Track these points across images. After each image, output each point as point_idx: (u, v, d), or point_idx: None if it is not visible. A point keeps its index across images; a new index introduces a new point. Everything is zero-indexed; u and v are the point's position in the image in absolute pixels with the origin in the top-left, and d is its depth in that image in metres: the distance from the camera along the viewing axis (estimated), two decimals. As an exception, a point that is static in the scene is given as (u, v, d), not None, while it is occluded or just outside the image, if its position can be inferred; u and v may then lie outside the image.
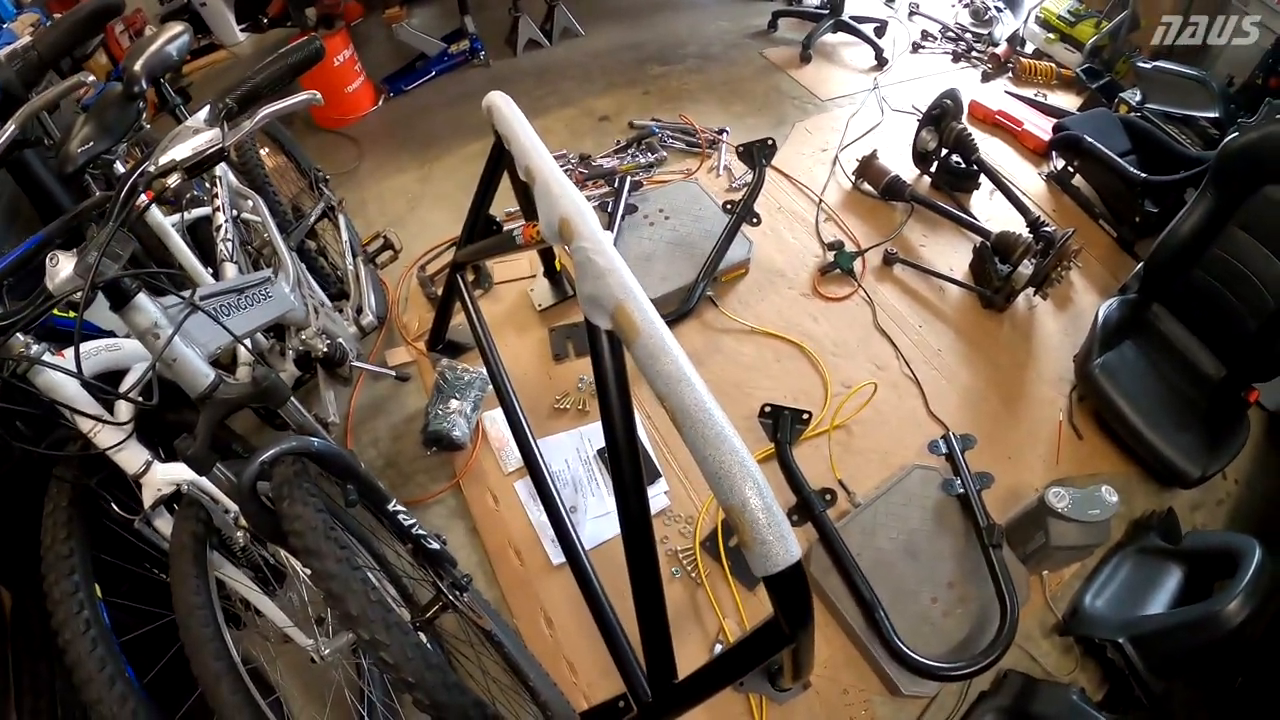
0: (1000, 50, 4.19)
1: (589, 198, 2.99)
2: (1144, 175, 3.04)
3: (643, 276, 1.50)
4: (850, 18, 4.17)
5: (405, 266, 2.94)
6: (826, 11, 4.15)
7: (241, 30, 4.52)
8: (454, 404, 2.36)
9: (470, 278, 2.72)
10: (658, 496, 2.26)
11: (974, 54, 4.27)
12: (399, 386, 2.54)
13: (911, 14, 4.62)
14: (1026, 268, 2.75)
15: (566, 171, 3.24)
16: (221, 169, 2.08)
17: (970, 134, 3.17)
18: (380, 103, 4.10)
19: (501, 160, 2.03)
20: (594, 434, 2.40)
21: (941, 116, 3.21)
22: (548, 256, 2.75)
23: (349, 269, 2.55)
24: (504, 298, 2.84)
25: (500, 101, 1.87)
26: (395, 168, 3.59)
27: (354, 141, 3.80)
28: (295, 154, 2.81)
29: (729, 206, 2.93)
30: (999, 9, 4.54)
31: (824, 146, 3.52)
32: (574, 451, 2.37)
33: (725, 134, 3.50)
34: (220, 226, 1.97)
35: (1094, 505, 1.95)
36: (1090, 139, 3.19)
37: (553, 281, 2.80)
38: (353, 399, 2.51)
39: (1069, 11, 4.18)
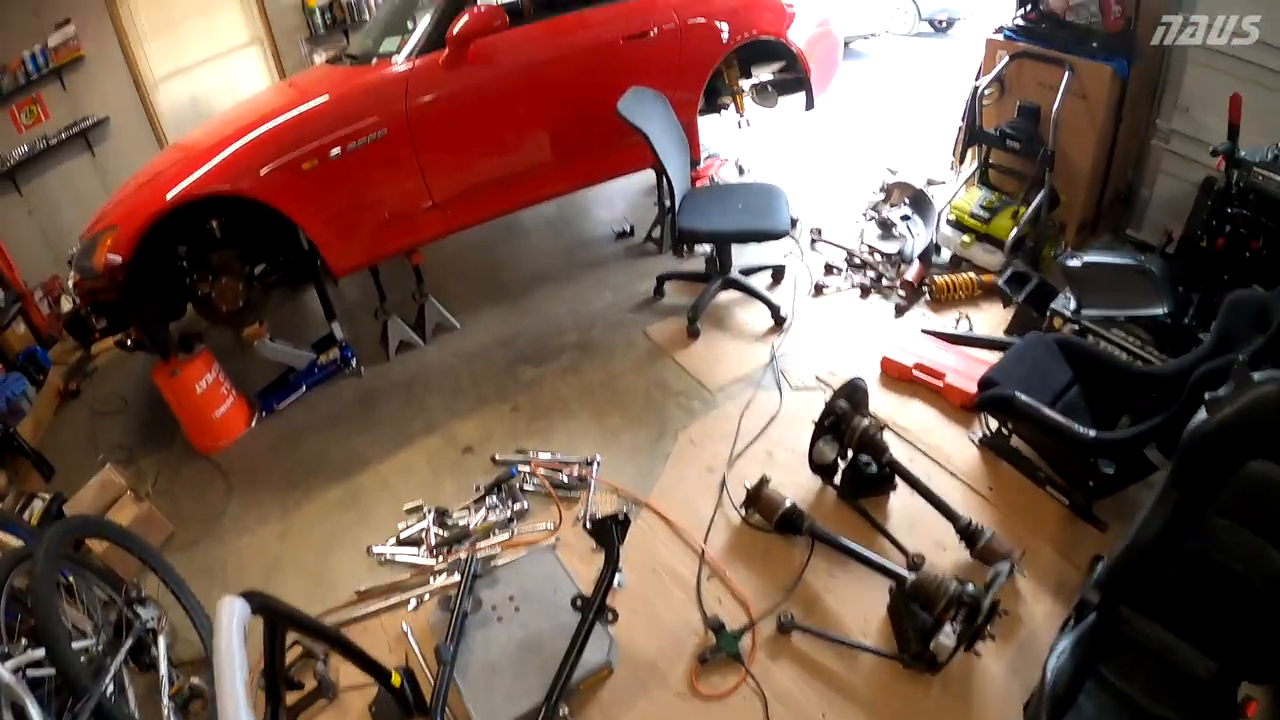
0: (913, 273, 3.84)
1: (436, 591, 2.72)
2: (1093, 435, 2.49)
3: (486, 697, 1.39)
4: (742, 270, 3.88)
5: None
6: (714, 271, 3.86)
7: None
8: None
9: None
10: None
11: (884, 282, 3.93)
12: None
13: (814, 242, 4.33)
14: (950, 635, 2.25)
15: (422, 533, 2.95)
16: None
17: (876, 433, 2.75)
18: (254, 423, 3.85)
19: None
20: None
21: (840, 421, 2.79)
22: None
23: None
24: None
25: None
26: (258, 516, 3.31)
27: (224, 476, 3.60)
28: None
29: (577, 603, 2.48)
30: (906, 218, 4.23)
31: (710, 464, 3.07)
32: None
33: (596, 465, 3.10)
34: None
35: None
36: (1022, 395, 2.62)
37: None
38: None
39: (982, 206, 3.88)
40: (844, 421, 2.78)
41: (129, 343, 4.64)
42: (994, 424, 3.01)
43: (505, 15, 3.60)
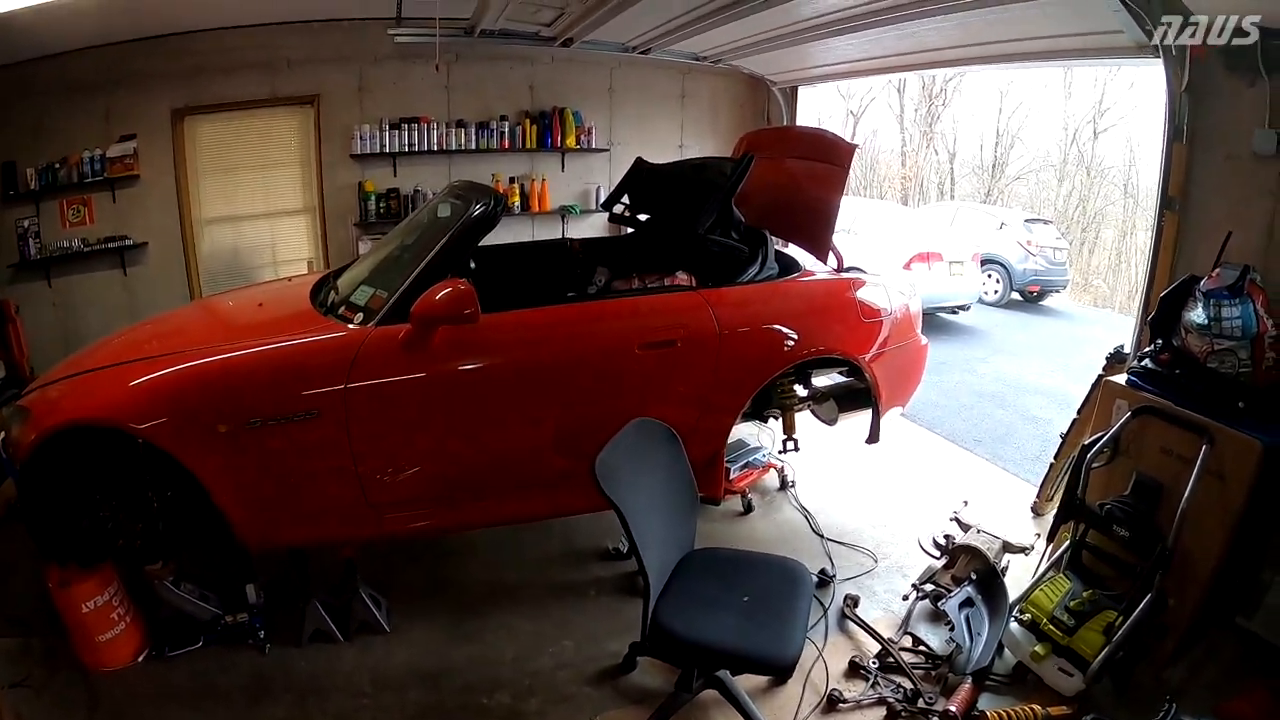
0: (959, 701, 2.95)
1: None
2: None
3: None
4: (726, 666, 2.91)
5: None
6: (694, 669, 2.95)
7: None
8: None
9: None
10: None
11: (921, 703, 3.04)
12: None
13: (844, 617, 3.48)
14: None
15: None
16: None
17: None
18: (141, 658, 3.36)
19: None
20: None
21: None
22: None
23: None
24: None
25: None
26: None
27: (93, 707, 3.10)
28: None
29: None
30: (967, 605, 3.37)
31: None
32: None
33: None
34: None
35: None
36: None
37: None
38: None
39: (1068, 608, 3.02)
40: None
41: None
42: None
43: (477, 305, 3.02)
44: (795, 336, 3.57)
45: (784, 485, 4.47)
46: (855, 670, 3.19)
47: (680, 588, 2.74)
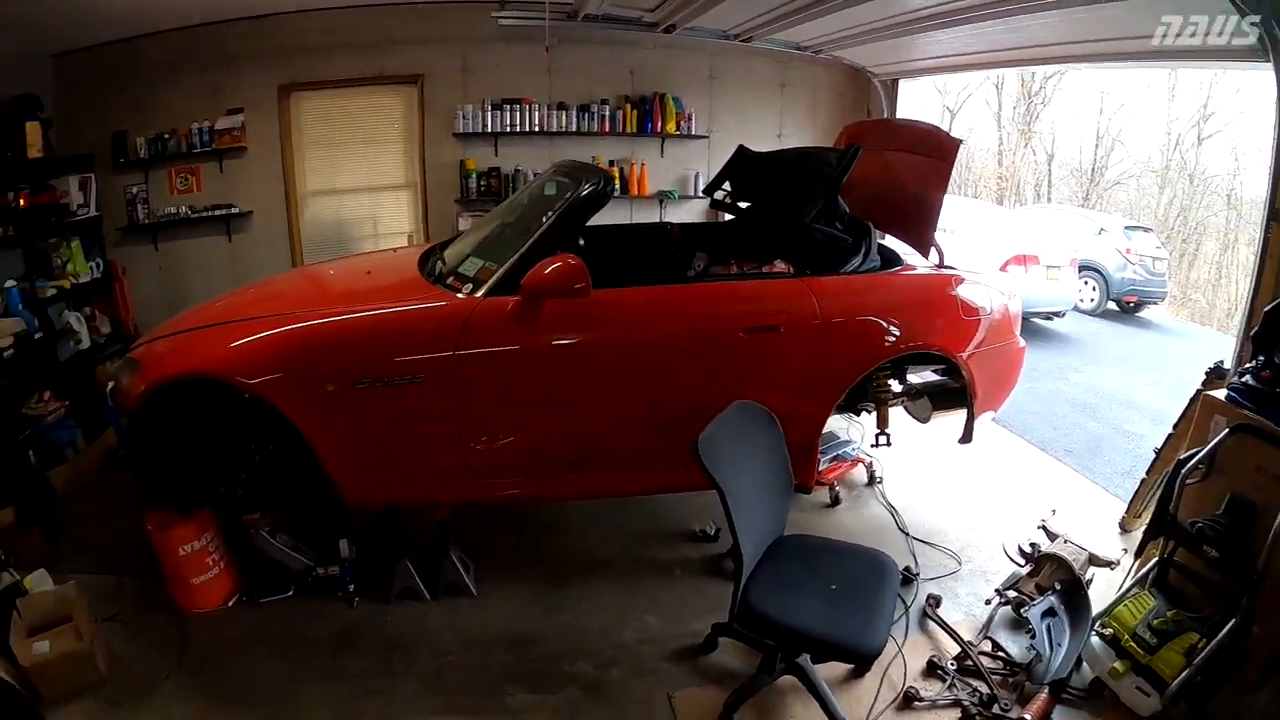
0: (1034, 710, 2.88)
1: None
2: None
3: None
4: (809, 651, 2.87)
5: None
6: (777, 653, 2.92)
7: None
8: None
9: None
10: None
11: (996, 709, 2.96)
12: None
13: (925, 616, 3.41)
14: None
15: None
16: None
17: None
18: (231, 602, 3.52)
19: None
20: None
21: None
22: None
23: None
24: None
25: None
26: (177, 715, 2.92)
27: (183, 644, 3.28)
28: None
29: None
30: (1049, 614, 3.25)
31: None
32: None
33: None
34: None
35: None
36: None
37: None
38: None
39: (1150, 626, 2.89)
40: None
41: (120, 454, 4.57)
42: None
43: (588, 280, 3.04)
44: (897, 330, 3.52)
45: (871, 481, 4.42)
46: (933, 670, 3.13)
47: (771, 571, 2.74)
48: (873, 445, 3.93)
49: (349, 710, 2.91)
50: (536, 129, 6.09)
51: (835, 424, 4.50)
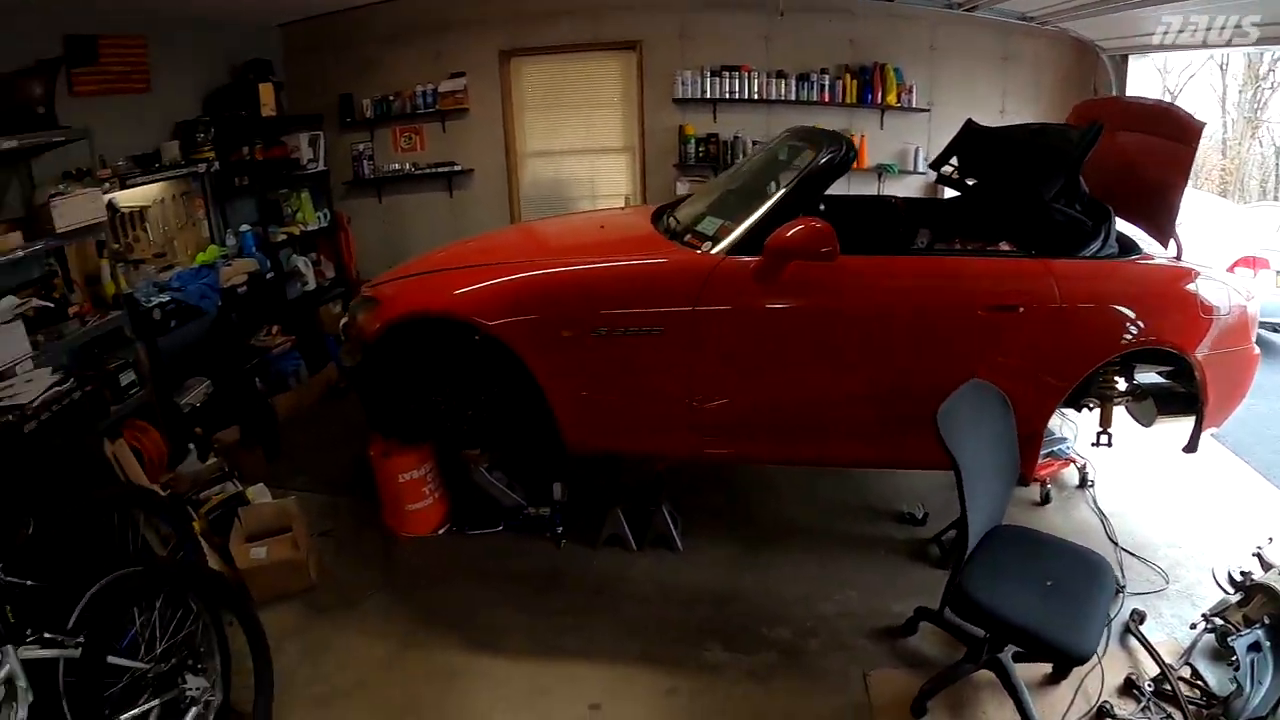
0: None
1: None
2: None
3: None
4: (1015, 653, 2.81)
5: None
6: (984, 644, 2.82)
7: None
8: None
9: None
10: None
11: None
12: None
13: (1128, 631, 3.19)
14: None
15: None
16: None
17: None
18: (441, 530, 3.80)
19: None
20: None
21: None
22: None
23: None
24: None
25: None
26: (383, 628, 3.21)
27: (390, 563, 3.63)
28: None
29: None
30: (1255, 649, 2.96)
31: None
32: None
33: None
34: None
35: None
36: None
37: None
38: None
39: None
40: None
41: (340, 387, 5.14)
42: None
43: (835, 243, 3.00)
44: (1136, 323, 3.31)
45: (1083, 483, 4.17)
46: (1129, 688, 2.94)
47: (986, 558, 2.69)
48: (1092, 444, 3.74)
49: (548, 644, 3.09)
50: (755, 97, 6.04)
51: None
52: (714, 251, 3.24)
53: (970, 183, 4.29)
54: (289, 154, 5.98)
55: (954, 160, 4.29)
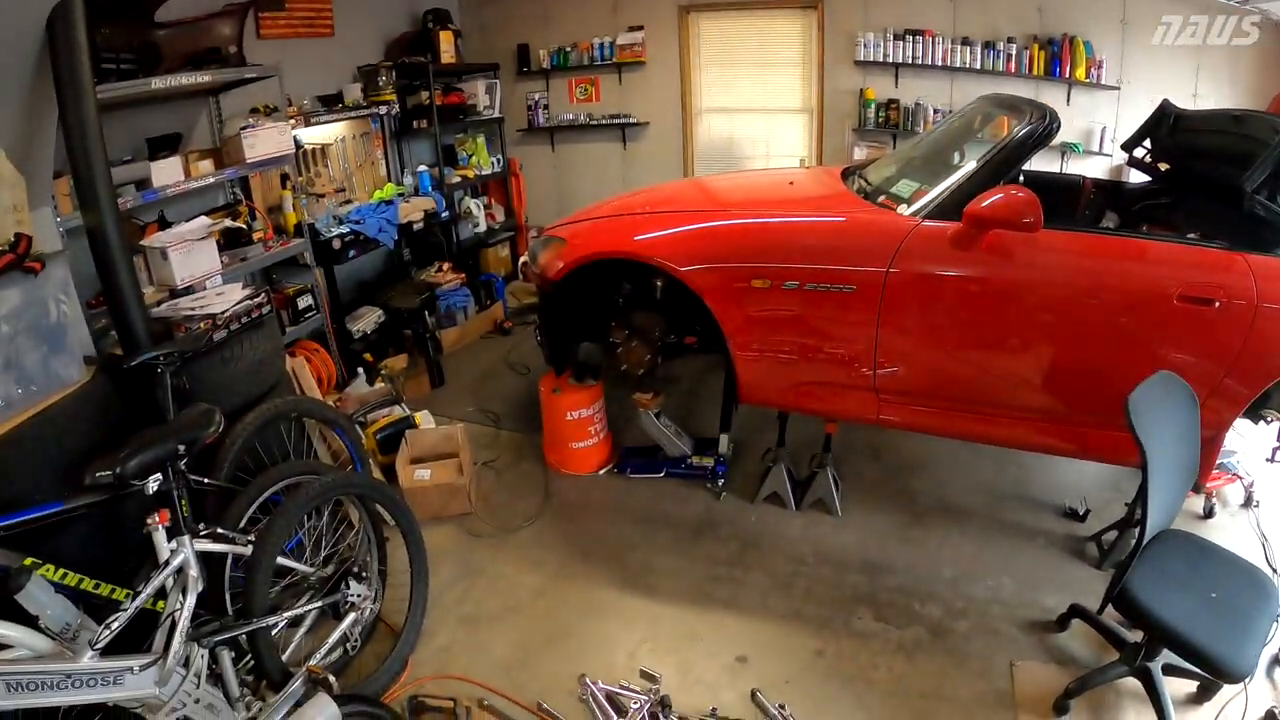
0: None
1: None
2: None
3: None
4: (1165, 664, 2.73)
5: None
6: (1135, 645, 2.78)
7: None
8: None
9: None
10: None
11: None
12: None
13: (1275, 663, 2.94)
14: None
15: (632, 706, 2.65)
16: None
17: None
18: (603, 471, 3.97)
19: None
20: None
21: None
22: None
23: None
24: None
25: None
26: (537, 558, 3.42)
27: (549, 497, 3.80)
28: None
29: None
30: None
31: None
32: None
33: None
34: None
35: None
36: None
37: None
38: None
39: None
40: None
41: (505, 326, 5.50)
42: None
43: (1040, 214, 2.86)
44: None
45: (1248, 502, 3.87)
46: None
47: (1152, 558, 2.61)
48: (1267, 460, 3.56)
49: (699, 591, 3.23)
50: (939, 63, 5.82)
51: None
52: (909, 213, 3.18)
53: (1163, 168, 4.03)
54: (466, 100, 6.29)
55: (1147, 143, 4.03)
